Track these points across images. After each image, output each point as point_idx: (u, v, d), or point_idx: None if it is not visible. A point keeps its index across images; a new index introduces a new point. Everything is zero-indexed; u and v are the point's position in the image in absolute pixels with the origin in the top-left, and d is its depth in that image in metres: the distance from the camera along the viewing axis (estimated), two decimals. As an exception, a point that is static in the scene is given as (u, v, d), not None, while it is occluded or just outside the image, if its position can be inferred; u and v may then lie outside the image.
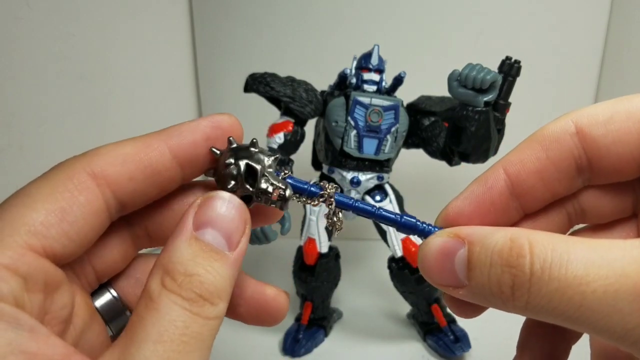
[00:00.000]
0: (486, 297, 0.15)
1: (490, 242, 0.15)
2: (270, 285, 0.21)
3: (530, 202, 0.18)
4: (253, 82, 0.46)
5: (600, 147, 0.16)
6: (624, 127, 0.16)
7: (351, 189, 0.47)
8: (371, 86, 0.47)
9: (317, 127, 0.51)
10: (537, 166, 0.17)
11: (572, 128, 0.17)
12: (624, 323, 0.13)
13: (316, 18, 0.71)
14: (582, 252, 0.13)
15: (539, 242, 0.14)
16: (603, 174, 0.17)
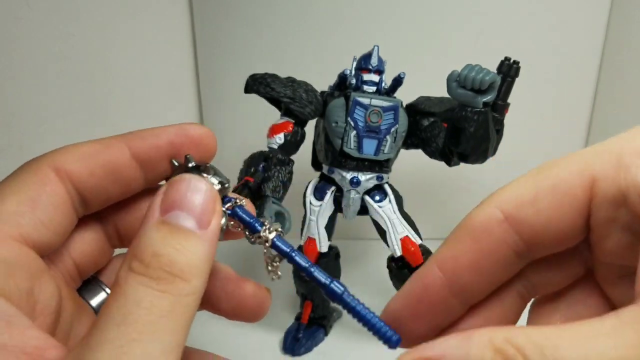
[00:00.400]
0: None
1: (472, 358, 0.13)
2: (250, 281, 0.21)
3: (471, 296, 0.17)
4: (253, 83, 0.47)
5: (533, 227, 0.15)
6: (552, 203, 0.15)
7: (351, 189, 0.47)
8: (371, 87, 0.47)
9: (317, 127, 0.51)
10: (471, 260, 0.16)
11: (499, 215, 0.16)
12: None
13: (316, 19, 0.71)
14: (573, 349, 0.12)
15: (526, 347, 0.13)
16: (543, 250, 0.16)
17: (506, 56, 0.43)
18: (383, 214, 0.47)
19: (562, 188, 0.15)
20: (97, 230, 0.20)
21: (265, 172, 0.44)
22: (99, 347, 0.13)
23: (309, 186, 0.50)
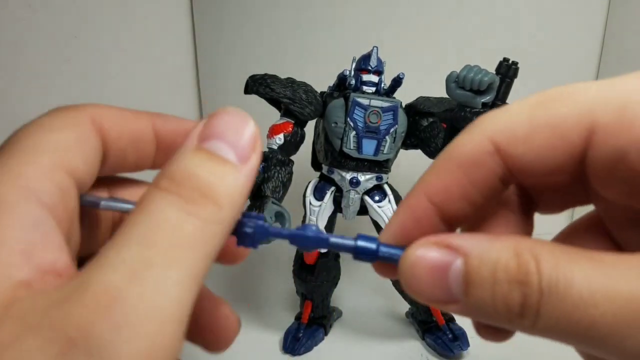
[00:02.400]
0: (487, 313, 0.14)
1: (491, 256, 0.13)
2: (226, 304, 0.19)
3: (461, 221, 0.17)
4: (253, 83, 0.47)
5: (523, 163, 0.15)
6: (546, 143, 0.14)
7: (350, 189, 0.48)
8: (370, 87, 0.47)
9: (317, 128, 0.51)
10: (461, 191, 0.16)
11: (489, 147, 0.15)
12: (637, 346, 0.12)
13: (316, 20, 0.71)
14: (586, 270, 0.13)
15: (544, 258, 0.13)
16: (533, 181, 0.16)
17: (505, 57, 0.43)
18: (382, 214, 0.48)
19: (558, 131, 0.14)
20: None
21: (265, 173, 0.44)
22: (111, 268, 0.12)
23: (308, 186, 0.50)
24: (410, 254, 0.15)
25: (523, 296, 0.13)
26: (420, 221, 0.16)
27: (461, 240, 0.14)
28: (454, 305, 0.14)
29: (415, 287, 0.15)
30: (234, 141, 0.15)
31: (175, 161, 0.14)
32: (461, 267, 0.14)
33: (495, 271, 0.13)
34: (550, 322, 0.13)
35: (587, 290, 0.12)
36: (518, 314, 0.13)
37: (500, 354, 0.47)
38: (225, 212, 0.14)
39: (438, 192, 0.16)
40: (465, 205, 0.16)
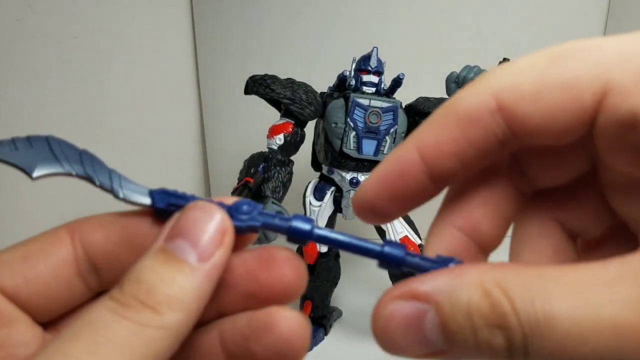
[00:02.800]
0: (476, 357, 0.13)
1: (461, 299, 0.13)
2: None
3: (447, 181, 0.16)
4: (253, 84, 0.47)
5: (527, 123, 0.14)
6: (555, 104, 0.13)
7: (350, 190, 0.48)
8: (370, 88, 0.47)
9: (317, 128, 0.51)
10: (455, 149, 0.14)
11: (492, 104, 0.14)
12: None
13: (316, 21, 0.71)
14: (566, 301, 0.12)
15: (516, 294, 0.12)
16: (533, 144, 0.15)
17: (504, 57, 0.43)
18: (382, 214, 0.48)
19: (570, 90, 0.13)
20: None
21: (265, 173, 0.45)
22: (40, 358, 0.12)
23: (308, 186, 0.51)
24: (379, 315, 0.14)
25: (507, 340, 0.12)
26: (406, 174, 0.15)
27: (426, 285, 0.13)
28: (444, 354, 0.13)
29: (396, 348, 0.14)
30: (196, 238, 0.15)
31: (136, 264, 0.14)
32: (435, 318, 0.13)
33: (471, 316, 0.12)
34: (544, 357, 0.12)
35: (573, 326, 0.11)
36: (506, 356, 0.12)
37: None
38: (167, 318, 0.13)
39: (430, 146, 0.15)
40: (456, 165, 0.15)
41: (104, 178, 0.16)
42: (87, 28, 0.61)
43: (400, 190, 0.15)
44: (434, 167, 0.15)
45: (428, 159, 0.15)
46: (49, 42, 0.58)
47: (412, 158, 0.15)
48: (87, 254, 0.16)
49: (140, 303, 0.13)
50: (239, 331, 0.16)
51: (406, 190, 0.15)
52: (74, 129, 0.61)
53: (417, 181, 0.15)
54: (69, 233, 0.16)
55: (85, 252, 0.16)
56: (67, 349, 0.12)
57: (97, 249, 0.16)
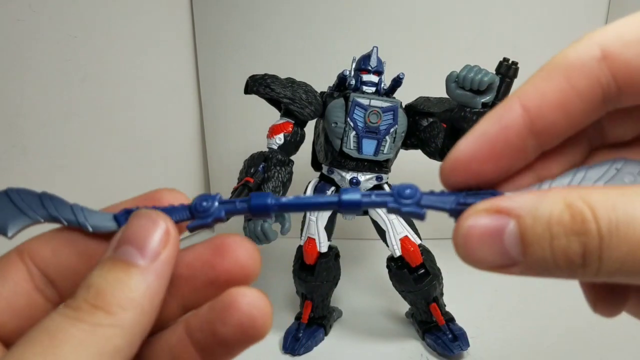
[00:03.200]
0: (548, 269, 0.14)
1: (543, 212, 0.13)
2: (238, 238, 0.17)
3: (550, 139, 0.16)
4: (253, 83, 0.47)
5: (632, 71, 0.14)
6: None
7: (350, 189, 0.48)
8: (370, 87, 0.47)
9: (317, 128, 0.51)
10: (560, 99, 0.14)
11: (597, 53, 0.14)
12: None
13: (316, 20, 0.71)
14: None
15: (598, 203, 0.13)
16: (633, 98, 0.15)
17: (505, 57, 0.43)
18: (382, 214, 0.48)
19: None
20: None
21: (265, 173, 0.44)
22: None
23: (308, 186, 0.50)
24: (461, 226, 0.14)
25: (583, 246, 0.13)
26: (508, 128, 0.15)
27: (510, 202, 0.14)
28: (515, 267, 0.14)
29: (473, 257, 0.14)
30: (140, 241, 0.15)
31: (87, 274, 0.15)
32: (515, 229, 0.14)
33: (550, 226, 0.13)
34: (615, 265, 0.13)
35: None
36: (580, 265, 0.13)
37: (500, 354, 0.47)
38: (119, 317, 0.14)
39: (534, 97, 0.15)
40: (561, 118, 0.15)
41: (68, 215, 0.17)
42: (87, 28, 0.61)
43: (501, 146, 0.15)
44: (538, 120, 0.15)
45: (532, 111, 0.15)
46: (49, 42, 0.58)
47: (515, 111, 0.15)
48: (40, 269, 0.17)
49: (92, 306, 0.14)
50: (202, 318, 0.16)
51: (507, 147, 0.15)
52: (75, 128, 0.61)
53: (519, 137, 0.15)
54: (18, 255, 0.17)
55: (37, 267, 0.17)
56: (22, 353, 0.13)
57: (48, 264, 0.17)
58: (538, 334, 0.50)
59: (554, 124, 0.15)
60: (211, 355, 0.17)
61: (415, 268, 0.47)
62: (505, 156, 0.16)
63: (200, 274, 0.17)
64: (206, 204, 0.17)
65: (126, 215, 0.17)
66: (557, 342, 0.48)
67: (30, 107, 0.56)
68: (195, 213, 0.17)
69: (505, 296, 0.58)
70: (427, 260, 0.47)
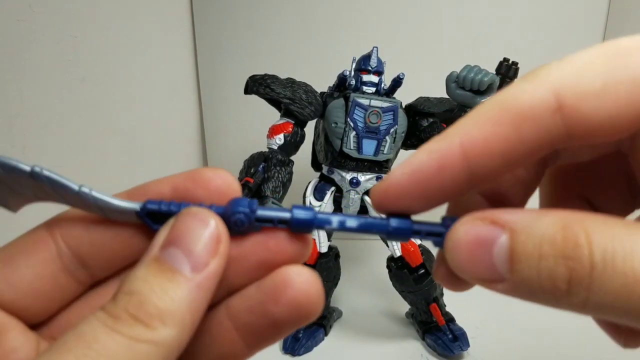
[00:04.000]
0: (533, 292, 0.13)
1: (537, 229, 0.13)
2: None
3: (485, 182, 0.15)
4: (253, 83, 0.47)
5: (588, 123, 0.13)
6: (624, 100, 0.13)
7: (350, 190, 0.48)
8: (370, 88, 0.47)
9: (317, 128, 0.51)
10: (504, 148, 0.14)
11: (552, 102, 0.13)
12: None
13: (316, 20, 0.71)
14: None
15: (597, 229, 0.12)
16: (583, 142, 0.14)
17: (505, 57, 0.43)
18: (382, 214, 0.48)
19: (638, 86, 0.12)
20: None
21: (265, 173, 0.44)
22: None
23: (308, 186, 0.50)
24: (455, 231, 0.14)
25: (569, 271, 0.12)
26: (443, 170, 0.14)
27: (508, 215, 0.13)
28: (501, 284, 0.13)
29: (460, 264, 0.14)
30: (190, 247, 0.14)
31: (130, 274, 0.14)
32: (506, 243, 0.13)
33: (541, 245, 0.12)
34: (606, 299, 0.12)
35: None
36: (565, 292, 0.12)
37: (500, 354, 0.47)
38: (159, 332, 0.13)
39: (477, 143, 0.14)
40: (501, 165, 0.14)
41: (75, 202, 0.15)
42: (87, 28, 0.61)
43: (434, 186, 0.15)
44: (476, 166, 0.14)
45: (472, 157, 0.14)
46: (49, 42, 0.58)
47: (454, 154, 0.14)
48: (71, 248, 0.16)
49: (132, 317, 0.13)
50: (252, 300, 0.16)
51: (440, 186, 0.15)
52: (75, 128, 0.61)
53: (454, 178, 0.14)
54: (48, 230, 0.16)
55: (68, 246, 0.16)
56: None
57: (80, 242, 0.16)
58: (538, 334, 0.50)
59: (491, 170, 0.14)
60: (257, 338, 0.16)
61: (416, 268, 0.47)
62: (436, 195, 0.15)
63: (253, 254, 0.16)
64: (242, 215, 0.15)
65: (149, 211, 0.15)
66: (558, 342, 0.48)
67: (30, 107, 0.56)
68: (230, 225, 0.15)
69: (505, 296, 0.58)
70: (428, 260, 0.47)
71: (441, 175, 0.14)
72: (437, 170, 0.14)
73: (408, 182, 0.15)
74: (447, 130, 0.15)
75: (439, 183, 0.14)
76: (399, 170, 0.15)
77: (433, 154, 0.15)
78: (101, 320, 0.13)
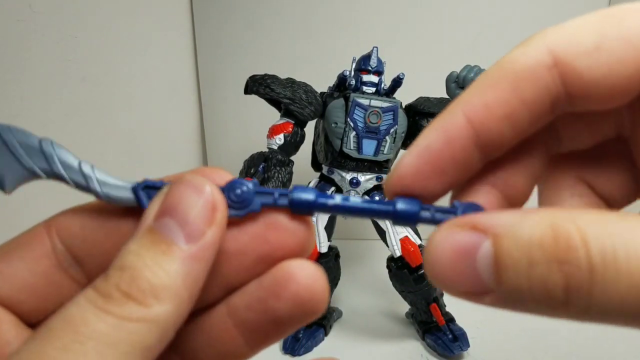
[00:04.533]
0: (525, 303, 0.12)
1: (523, 232, 0.11)
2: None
3: (495, 150, 0.14)
4: (253, 83, 0.47)
5: (584, 80, 0.13)
6: (617, 57, 0.12)
7: (350, 190, 0.48)
8: (370, 88, 0.47)
9: (317, 128, 0.51)
10: (505, 111, 0.13)
11: (548, 59, 0.13)
12: None
13: (316, 20, 0.71)
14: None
15: (591, 226, 0.11)
16: (585, 105, 0.14)
17: (505, 57, 0.43)
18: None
19: (631, 45, 0.12)
20: None
21: (265, 173, 0.44)
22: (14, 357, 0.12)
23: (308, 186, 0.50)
24: (433, 241, 0.13)
25: (566, 277, 0.11)
26: (452, 143, 0.14)
27: (489, 219, 0.12)
28: (487, 296, 0.12)
29: (441, 278, 0.13)
30: (184, 216, 0.13)
31: (122, 247, 0.13)
32: (490, 250, 0.12)
33: (530, 250, 0.11)
34: (612, 304, 0.10)
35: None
36: (563, 301, 0.11)
37: (500, 355, 0.47)
38: (154, 310, 0.12)
39: (479, 109, 0.14)
40: (506, 129, 0.14)
41: (76, 176, 0.14)
42: (87, 28, 0.61)
43: (446, 162, 0.14)
44: (482, 133, 0.14)
45: (477, 123, 0.14)
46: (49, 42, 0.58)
47: (459, 124, 0.14)
48: (66, 245, 0.15)
49: (124, 294, 0.12)
50: (252, 297, 0.15)
51: (451, 161, 0.14)
52: (75, 129, 0.61)
53: (463, 150, 0.14)
54: (45, 228, 0.15)
55: (63, 244, 0.15)
56: (43, 347, 0.12)
57: (75, 240, 0.15)
58: (538, 335, 0.50)
59: (499, 136, 0.14)
60: (258, 336, 0.15)
61: (416, 268, 0.47)
62: (450, 170, 0.14)
63: (251, 249, 0.15)
64: (240, 192, 0.14)
65: (148, 191, 0.14)
66: (558, 342, 0.48)
67: (30, 107, 0.56)
68: (229, 202, 0.14)
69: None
70: (427, 260, 0.47)
71: (451, 148, 0.14)
72: (445, 144, 0.14)
73: (418, 161, 0.14)
74: (448, 105, 0.14)
75: (450, 157, 0.14)
76: (409, 154, 0.15)
77: (439, 129, 0.14)
78: (91, 300, 0.12)
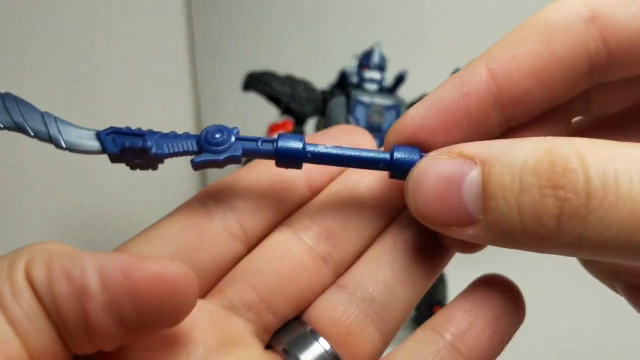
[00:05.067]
0: (512, 234, 0.11)
1: (514, 157, 0.10)
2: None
3: (519, 113, 0.13)
4: (252, 81, 0.46)
5: (627, 35, 0.11)
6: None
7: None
8: (372, 85, 0.46)
9: (318, 126, 0.51)
10: (535, 65, 0.12)
11: (585, 12, 0.12)
12: None
13: (316, 16, 0.70)
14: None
15: (591, 150, 0.10)
16: (625, 68, 0.12)
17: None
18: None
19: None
20: None
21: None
22: None
23: (309, 186, 0.50)
24: (417, 168, 0.12)
25: (560, 203, 0.10)
26: (469, 96, 0.12)
27: (478, 146, 0.11)
28: (472, 228, 0.11)
29: (423, 208, 0.12)
30: None
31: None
32: (478, 177, 0.11)
33: (522, 176, 0.10)
34: (607, 234, 0.09)
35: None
36: (554, 230, 0.10)
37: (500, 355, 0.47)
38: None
39: (505, 61, 0.12)
40: (535, 87, 0.12)
41: (37, 124, 0.13)
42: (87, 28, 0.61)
43: (459, 117, 0.13)
44: (506, 88, 0.12)
45: (500, 77, 0.12)
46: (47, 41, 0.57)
47: (480, 76, 0.12)
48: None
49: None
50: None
51: (465, 118, 0.13)
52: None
53: (481, 107, 0.12)
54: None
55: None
56: None
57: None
58: (538, 335, 0.50)
59: (525, 95, 0.12)
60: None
61: (418, 270, 0.46)
62: (461, 128, 0.13)
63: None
64: (220, 137, 0.14)
65: (115, 136, 0.13)
66: (558, 343, 0.48)
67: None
68: (205, 145, 0.13)
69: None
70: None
71: (466, 102, 0.12)
72: (461, 96, 0.13)
73: (428, 112, 0.13)
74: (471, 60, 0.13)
75: (464, 112, 0.13)
76: (418, 104, 0.13)
77: (456, 81, 0.13)
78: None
